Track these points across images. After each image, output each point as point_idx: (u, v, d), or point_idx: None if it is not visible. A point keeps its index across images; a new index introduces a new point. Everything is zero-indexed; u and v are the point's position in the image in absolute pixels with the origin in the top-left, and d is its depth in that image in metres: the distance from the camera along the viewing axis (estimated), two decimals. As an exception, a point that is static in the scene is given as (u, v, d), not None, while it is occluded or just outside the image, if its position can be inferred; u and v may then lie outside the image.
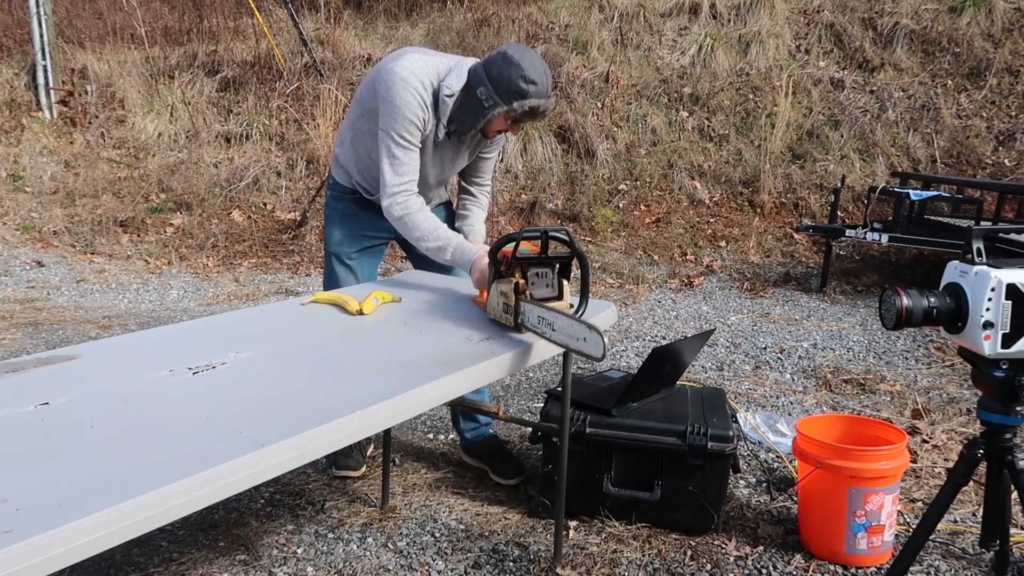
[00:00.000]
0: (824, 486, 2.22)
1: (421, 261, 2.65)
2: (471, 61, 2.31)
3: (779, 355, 4.20)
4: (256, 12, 8.23)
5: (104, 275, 5.89)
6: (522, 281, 1.95)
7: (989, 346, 1.57)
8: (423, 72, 2.25)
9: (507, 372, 1.91)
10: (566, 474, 2.17)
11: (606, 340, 1.67)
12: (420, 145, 2.30)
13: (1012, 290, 1.55)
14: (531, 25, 8.45)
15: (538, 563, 2.22)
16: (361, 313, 2.08)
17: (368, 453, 2.85)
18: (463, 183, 2.63)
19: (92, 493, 1.10)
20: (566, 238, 1.98)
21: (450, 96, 2.25)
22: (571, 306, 1.99)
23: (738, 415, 3.19)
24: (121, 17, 8.93)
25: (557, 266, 2.02)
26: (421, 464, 2.87)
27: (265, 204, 7.02)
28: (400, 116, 2.23)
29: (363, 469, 2.76)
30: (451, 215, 2.70)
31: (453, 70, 2.27)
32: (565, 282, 2.03)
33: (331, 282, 2.64)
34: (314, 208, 6.82)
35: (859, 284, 5.67)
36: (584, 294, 1.95)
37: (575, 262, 2.01)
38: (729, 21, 8.20)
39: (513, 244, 1.94)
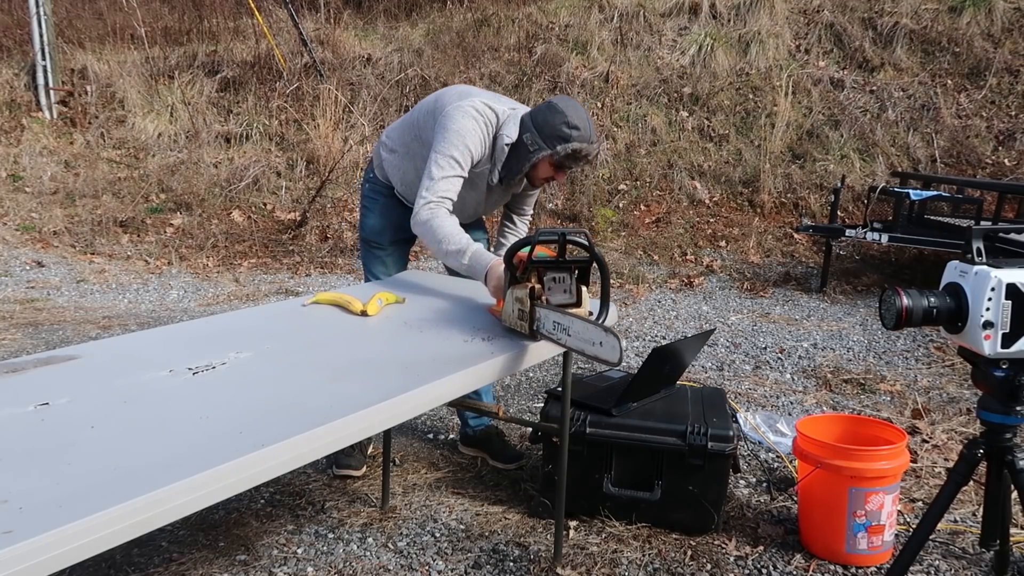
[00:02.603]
0: (824, 486, 2.22)
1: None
2: (523, 110, 2.43)
3: (779, 355, 4.20)
4: (256, 12, 8.23)
5: (104, 275, 5.89)
6: (538, 286, 1.88)
7: (989, 346, 1.57)
8: (488, 114, 2.37)
9: (507, 372, 1.90)
10: (566, 474, 2.17)
11: (623, 343, 1.62)
12: (466, 176, 2.37)
13: (1012, 290, 1.55)
14: (531, 25, 8.45)
15: (538, 563, 2.23)
16: (365, 314, 2.07)
17: (368, 452, 2.85)
18: (506, 211, 2.75)
19: (92, 493, 1.10)
20: (585, 241, 1.90)
21: (508, 144, 2.36)
22: (590, 313, 1.91)
23: (738, 415, 3.19)
24: (121, 17, 8.93)
25: (576, 271, 1.93)
26: (421, 464, 2.87)
27: (265, 204, 7.02)
28: (460, 142, 2.31)
29: (364, 469, 2.77)
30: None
31: (510, 119, 2.38)
32: (584, 288, 1.95)
33: (369, 268, 2.71)
34: (314, 208, 6.82)
35: (859, 284, 5.67)
36: (605, 300, 1.87)
37: (594, 266, 1.93)
38: (729, 21, 8.20)
39: (528, 248, 1.88)
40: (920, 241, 5.37)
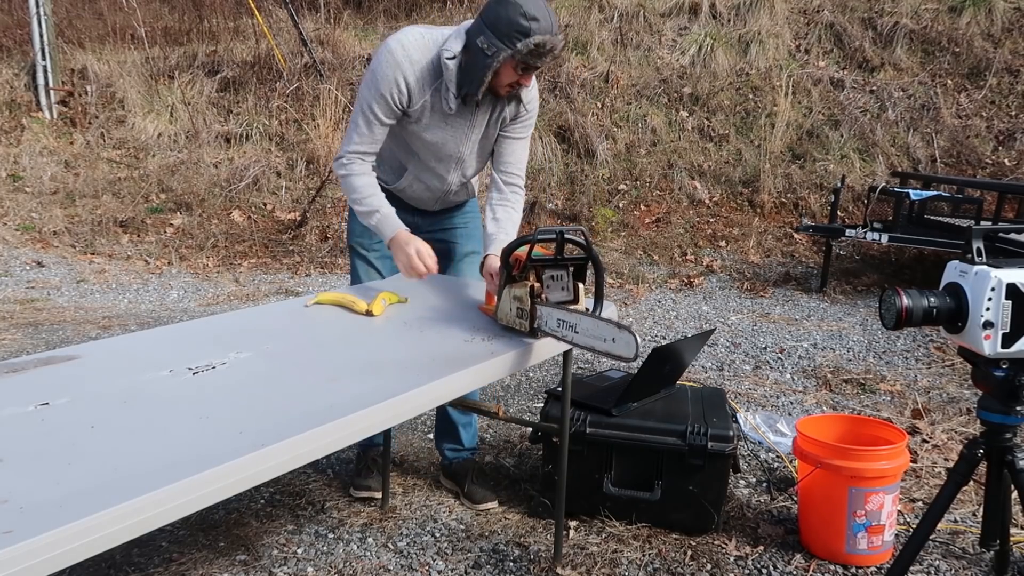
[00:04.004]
0: (824, 486, 2.22)
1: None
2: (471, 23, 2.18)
3: (779, 355, 4.20)
4: (256, 12, 8.23)
5: (104, 275, 5.89)
6: (537, 284, 1.88)
7: (989, 346, 1.57)
8: (414, 45, 2.15)
9: (507, 372, 1.90)
10: (566, 474, 2.17)
11: (639, 339, 1.60)
12: (388, 123, 2.23)
13: (1012, 290, 1.55)
14: (531, 25, 8.44)
15: (538, 563, 2.23)
16: (370, 314, 2.07)
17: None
18: (492, 175, 2.43)
19: (92, 493, 1.10)
20: (582, 240, 1.91)
21: (451, 59, 2.12)
22: (586, 310, 1.92)
23: (738, 415, 3.19)
24: (121, 17, 8.93)
25: (572, 269, 1.95)
26: (421, 464, 2.87)
27: (265, 204, 7.02)
28: (374, 88, 2.18)
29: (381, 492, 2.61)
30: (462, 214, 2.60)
31: (453, 34, 2.15)
32: (581, 285, 1.96)
33: (354, 276, 2.60)
34: (314, 208, 6.82)
35: (859, 284, 5.67)
36: (599, 297, 1.90)
37: (589, 264, 1.95)
38: (729, 21, 8.20)
39: (526, 247, 1.88)
40: (920, 241, 5.37)
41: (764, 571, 2.21)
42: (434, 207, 2.52)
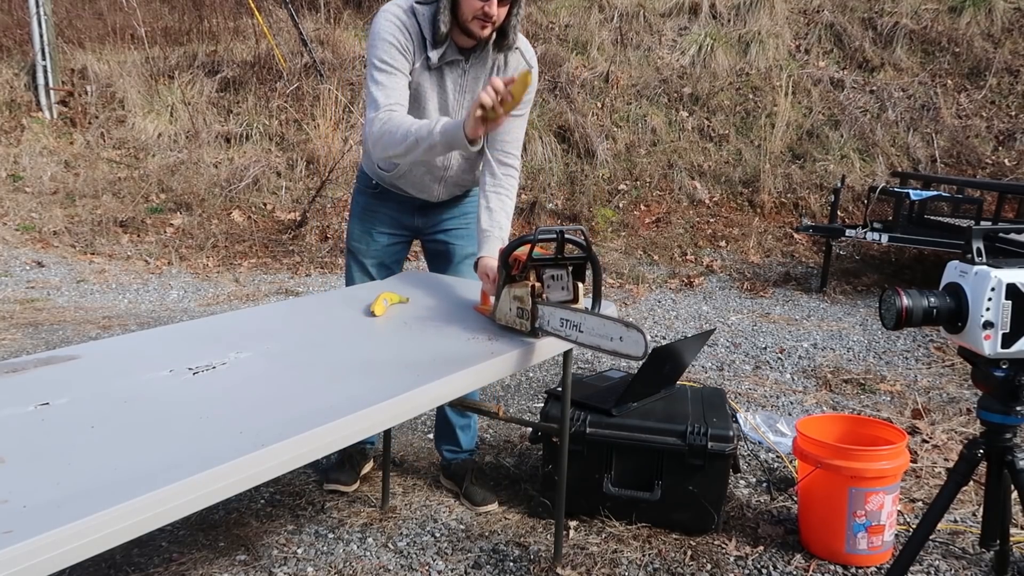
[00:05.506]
0: (824, 486, 2.22)
1: (433, 264, 2.62)
2: None
3: (779, 355, 4.20)
4: (256, 12, 8.23)
5: (104, 275, 5.89)
6: (538, 284, 1.88)
7: (989, 346, 1.57)
8: (405, 2, 2.19)
9: (507, 372, 1.90)
10: (566, 474, 2.18)
11: (648, 337, 1.59)
12: (405, 72, 2.20)
13: (1012, 290, 1.55)
14: (531, 25, 8.45)
15: (538, 563, 2.23)
16: (373, 315, 2.06)
17: (364, 472, 2.75)
18: (487, 157, 2.32)
19: (92, 493, 1.09)
20: (582, 240, 1.91)
21: (421, 2, 2.16)
22: (586, 309, 1.91)
23: (738, 415, 3.19)
24: (121, 17, 8.93)
25: (571, 268, 1.94)
26: (421, 464, 2.87)
27: (265, 204, 7.02)
28: (378, 40, 2.17)
29: (355, 485, 2.67)
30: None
31: None
32: (580, 284, 1.96)
33: (348, 278, 2.59)
34: (314, 208, 6.82)
35: (859, 284, 5.67)
36: (596, 297, 1.90)
37: (588, 263, 1.94)
38: (729, 21, 8.20)
39: (526, 247, 1.88)
40: (920, 241, 5.37)
41: (764, 571, 2.21)
42: (437, 193, 2.45)
